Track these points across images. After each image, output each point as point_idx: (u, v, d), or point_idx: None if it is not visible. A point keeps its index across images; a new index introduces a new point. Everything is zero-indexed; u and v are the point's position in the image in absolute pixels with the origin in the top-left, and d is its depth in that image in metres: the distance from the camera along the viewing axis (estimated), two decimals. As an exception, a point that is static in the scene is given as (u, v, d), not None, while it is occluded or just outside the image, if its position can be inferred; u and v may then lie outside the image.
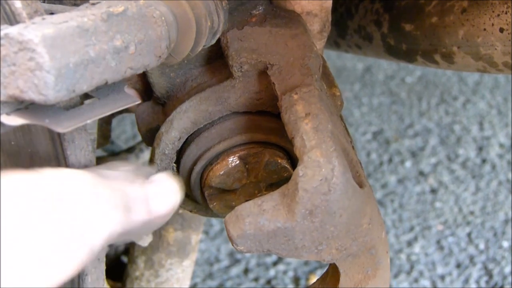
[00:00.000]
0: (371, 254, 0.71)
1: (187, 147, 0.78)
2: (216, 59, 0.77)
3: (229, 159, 0.76)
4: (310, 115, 0.67)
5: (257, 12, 0.78)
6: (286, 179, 0.78)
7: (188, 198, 0.84)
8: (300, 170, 0.64)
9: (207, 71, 0.78)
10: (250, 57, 0.73)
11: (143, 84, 0.81)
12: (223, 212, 0.79)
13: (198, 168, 0.78)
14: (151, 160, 0.79)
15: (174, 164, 0.79)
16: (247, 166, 0.77)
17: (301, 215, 0.64)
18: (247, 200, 0.77)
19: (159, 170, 0.78)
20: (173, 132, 0.76)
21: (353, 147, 0.74)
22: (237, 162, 0.76)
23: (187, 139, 0.77)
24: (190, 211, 0.86)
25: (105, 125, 1.11)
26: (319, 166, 0.64)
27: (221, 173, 0.76)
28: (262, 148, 0.76)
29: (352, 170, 0.69)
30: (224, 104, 0.75)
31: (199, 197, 0.81)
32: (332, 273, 0.73)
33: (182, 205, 0.84)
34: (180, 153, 0.79)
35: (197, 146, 0.77)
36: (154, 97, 0.80)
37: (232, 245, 0.67)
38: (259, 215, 0.65)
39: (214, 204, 0.78)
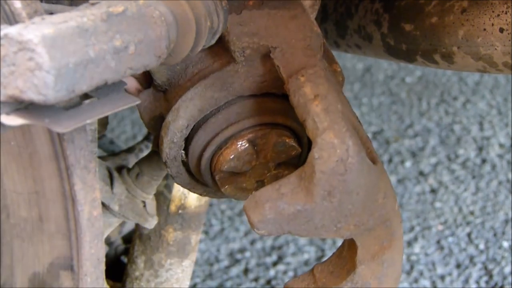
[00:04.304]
0: (386, 226, 0.73)
1: (195, 134, 0.79)
2: (214, 43, 0.78)
3: (238, 143, 0.77)
4: (319, 97, 0.68)
5: None
6: (294, 158, 0.80)
7: (197, 183, 0.85)
8: (315, 152, 0.65)
9: (206, 56, 0.78)
10: (252, 41, 0.74)
11: (143, 72, 0.82)
12: (235, 194, 0.81)
13: (207, 154, 0.79)
14: (159, 149, 0.80)
15: (183, 151, 0.80)
16: (256, 148, 0.78)
17: (320, 197, 0.66)
18: (257, 181, 0.80)
19: (168, 159, 0.80)
20: (180, 120, 0.77)
21: (360, 122, 0.75)
22: (246, 145, 0.77)
23: (194, 126, 0.78)
24: (200, 195, 0.88)
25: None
26: (333, 147, 0.65)
27: (231, 157, 0.77)
28: (270, 129, 0.78)
29: (364, 147, 0.70)
30: (229, 89, 0.76)
31: (210, 181, 0.82)
32: (349, 247, 0.75)
33: (192, 189, 0.86)
34: (188, 140, 0.79)
35: (205, 132, 0.78)
36: (154, 84, 0.80)
37: (253, 229, 0.69)
38: (278, 199, 0.67)
39: (226, 187, 0.80)
